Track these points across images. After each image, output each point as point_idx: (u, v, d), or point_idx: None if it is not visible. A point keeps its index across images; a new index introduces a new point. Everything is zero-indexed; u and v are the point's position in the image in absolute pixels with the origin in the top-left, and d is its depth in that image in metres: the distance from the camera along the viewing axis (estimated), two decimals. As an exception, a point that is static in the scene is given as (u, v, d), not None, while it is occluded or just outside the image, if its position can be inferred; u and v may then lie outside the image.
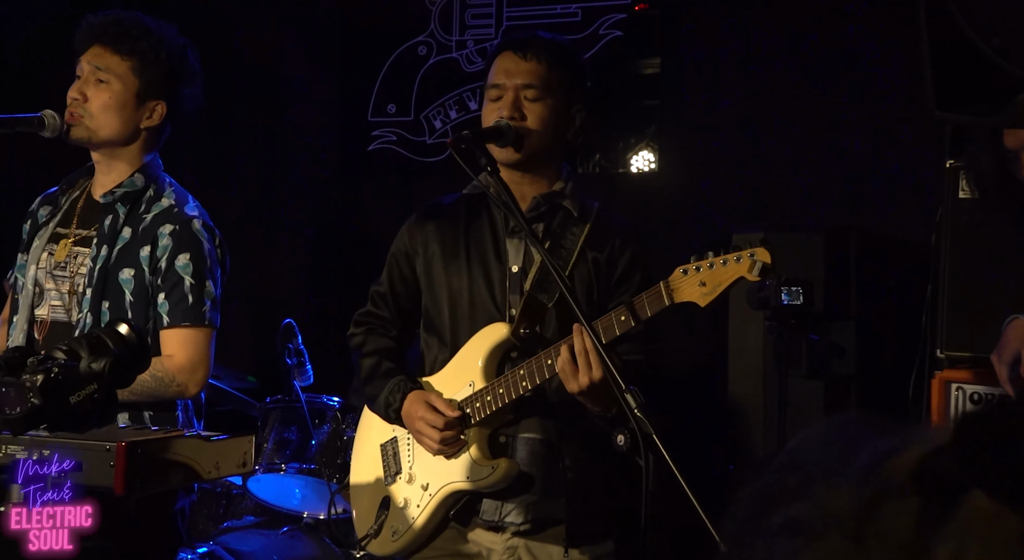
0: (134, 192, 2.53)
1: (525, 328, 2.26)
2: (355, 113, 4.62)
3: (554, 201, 2.36)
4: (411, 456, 2.37)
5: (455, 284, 2.35)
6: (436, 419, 2.26)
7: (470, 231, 2.38)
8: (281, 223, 4.78)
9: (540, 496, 2.28)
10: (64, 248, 2.55)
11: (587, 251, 2.32)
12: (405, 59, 4.56)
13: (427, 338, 2.42)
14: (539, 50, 2.31)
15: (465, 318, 2.33)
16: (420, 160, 4.54)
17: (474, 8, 4.47)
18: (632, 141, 4.28)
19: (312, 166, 4.73)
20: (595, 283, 2.32)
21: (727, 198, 4.04)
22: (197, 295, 2.46)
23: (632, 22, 4.21)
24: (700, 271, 2.04)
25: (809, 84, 3.97)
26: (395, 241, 2.48)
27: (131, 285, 2.48)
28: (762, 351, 3.52)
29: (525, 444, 2.28)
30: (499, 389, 2.23)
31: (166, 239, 2.47)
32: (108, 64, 2.50)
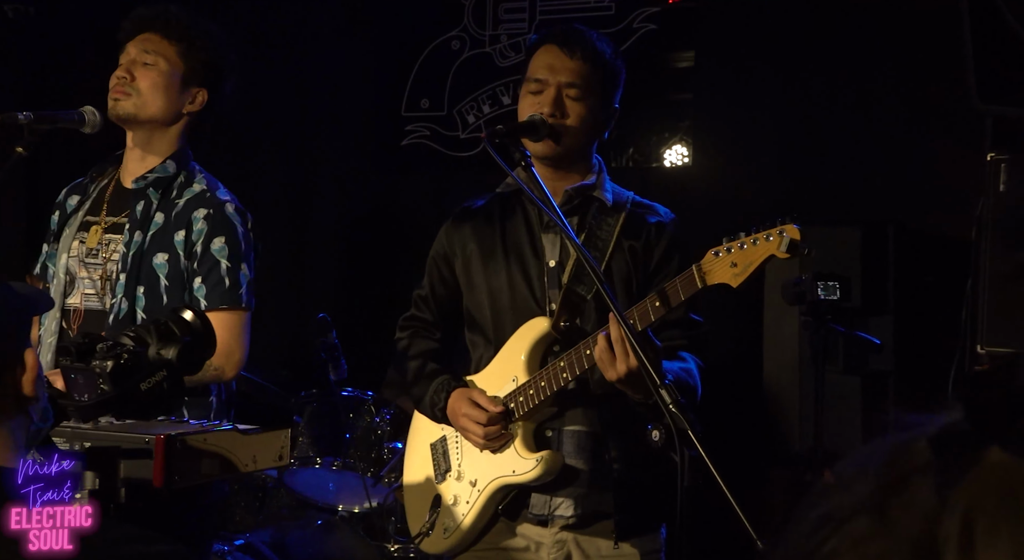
0: (166, 178, 2.55)
1: (565, 321, 2.27)
2: (389, 108, 4.63)
3: (587, 193, 2.36)
4: (459, 453, 2.40)
5: (494, 282, 2.36)
6: (479, 415, 2.28)
7: (506, 229, 2.39)
8: (315, 218, 4.81)
9: (588, 489, 2.29)
10: (95, 235, 2.58)
11: (623, 241, 2.33)
12: (438, 54, 4.56)
13: (471, 337, 2.44)
14: (585, 48, 2.30)
15: (506, 315, 2.34)
16: (453, 155, 4.55)
17: (507, 3, 4.46)
18: (665, 135, 4.25)
19: (346, 161, 4.74)
20: (633, 272, 2.32)
21: (762, 192, 4.01)
22: (233, 278, 2.48)
23: (666, 16, 4.19)
24: (731, 252, 2.03)
25: (845, 76, 3.93)
26: (433, 244, 2.51)
27: (165, 270, 2.50)
28: (798, 346, 3.49)
29: (571, 437, 2.30)
30: (541, 382, 2.25)
31: (200, 223, 2.49)
32: (156, 47, 2.55)
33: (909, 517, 0.61)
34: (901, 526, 0.61)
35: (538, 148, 2.29)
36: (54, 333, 2.55)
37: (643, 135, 4.24)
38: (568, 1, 4.35)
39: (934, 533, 0.59)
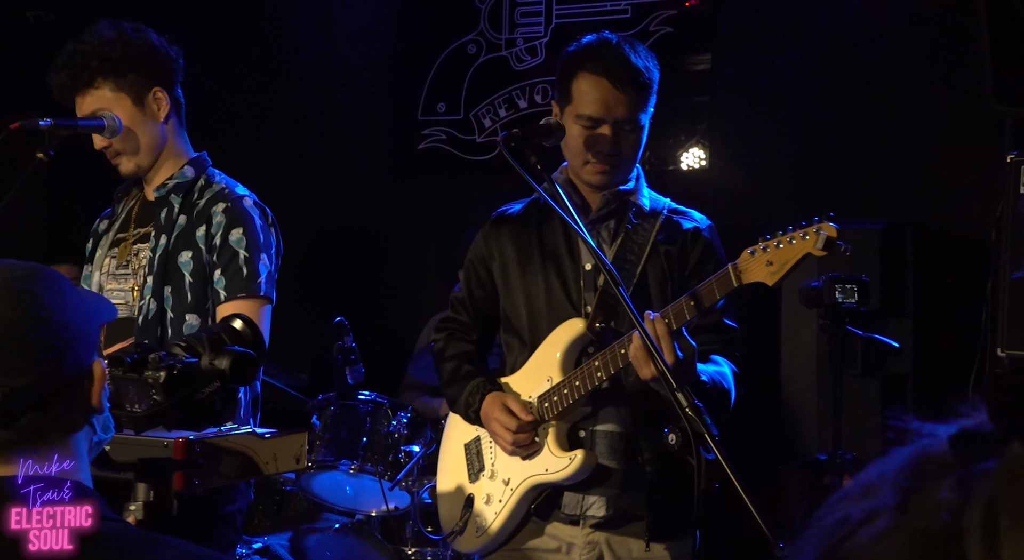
0: (185, 183, 2.57)
1: (600, 322, 2.29)
2: (405, 112, 4.65)
3: (624, 198, 2.38)
4: (493, 453, 2.42)
5: (531, 285, 2.39)
6: (510, 421, 2.31)
7: (543, 232, 2.41)
8: (332, 221, 4.83)
9: (620, 489, 2.30)
10: (125, 249, 2.61)
11: (659, 245, 2.34)
12: (455, 58, 4.57)
13: (507, 340, 2.47)
14: (635, 79, 2.29)
15: (543, 317, 2.37)
16: (470, 159, 4.56)
17: (523, 6, 4.47)
18: (683, 138, 4.25)
19: (363, 164, 4.76)
20: (668, 276, 2.33)
21: (779, 194, 4.00)
22: (251, 267, 2.49)
23: (682, 18, 4.18)
24: (767, 251, 2.03)
25: (862, 78, 3.91)
26: (471, 248, 2.54)
27: (190, 267, 2.52)
28: (816, 349, 3.47)
29: (604, 437, 2.31)
30: (575, 382, 2.27)
31: (219, 216, 2.51)
32: (97, 102, 2.52)
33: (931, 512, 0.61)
34: (923, 520, 0.61)
35: (595, 179, 2.33)
36: None
37: (660, 138, 4.23)
38: (584, 5, 4.35)
39: (957, 525, 0.60)
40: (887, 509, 0.63)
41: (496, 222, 2.50)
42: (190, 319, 2.50)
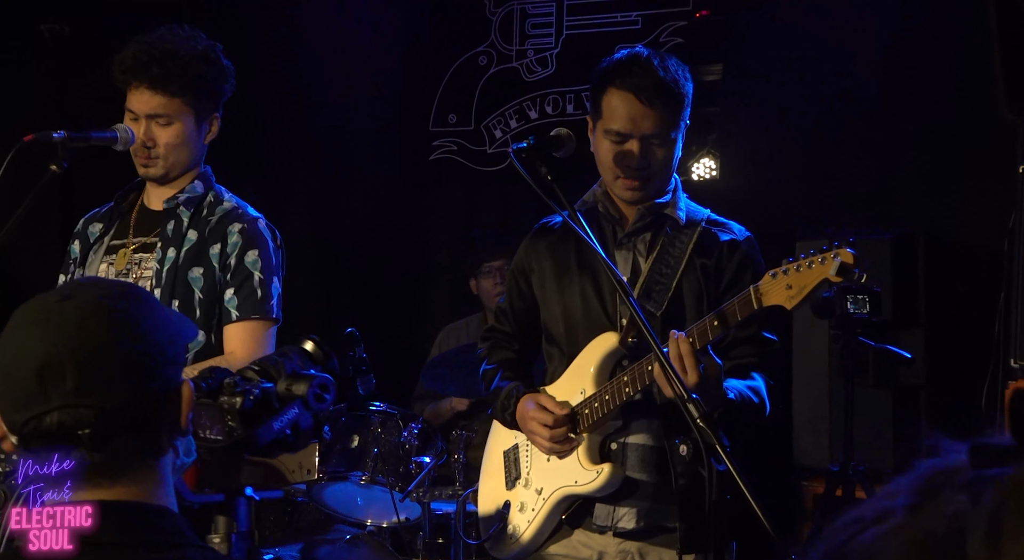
0: (195, 197, 2.59)
1: (633, 337, 2.29)
2: (416, 123, 4.66)
3: (660, 211, 2.39)
4: (529, 462, 2.46)
5: (568, 297, 2.41)
6: (545, 417, 2.33)
7: (580, 245, 2.42)
8: (344, 232, 4.84)
9: (652, 502, 2.31)
10: (123, 257, 2.61)
11: (695, 258, 2.34)
12: (466, 69, 4.58)
13: (548, 349, 2.50)
14: (663, 95, 2.29)
15: (579, 329, 2.39)
16: (481, 169, 4.56)
17: (534, 18, 4.48)
18: (693, 148, 4.25)
19: (374, 175, 4.77)
20: (704, 290, 2.34)
21: (790, 205, 3.99)
22: (265, 290, 2.52)
23: (692, 29, 4.19)
24: (788, 274, 2.05)
25: (873, 87, 3.91)
26: (514, 260, 2.57)
27: (201, 283, 2.53)
28: (828, 360, 3.46)
29: (635, 451, 2.33)
30: (606, 396, 2.29)
31: (235, 236, 2.54)
32: (164, 109, 2.54)
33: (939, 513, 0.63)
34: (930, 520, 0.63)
35: (628, 195, 2.33)
36: None
37: (670, 148, 4.23)
38: (595, 16, 4.36)
39: (962, 526, 0.62)
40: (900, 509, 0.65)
41: (536, 234, 2.52)
42: (197, 335, 2.51)
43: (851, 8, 3.90)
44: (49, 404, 1.19)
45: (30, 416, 1.20)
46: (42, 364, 1.19)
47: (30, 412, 1.20)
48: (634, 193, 2.34)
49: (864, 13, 3.89)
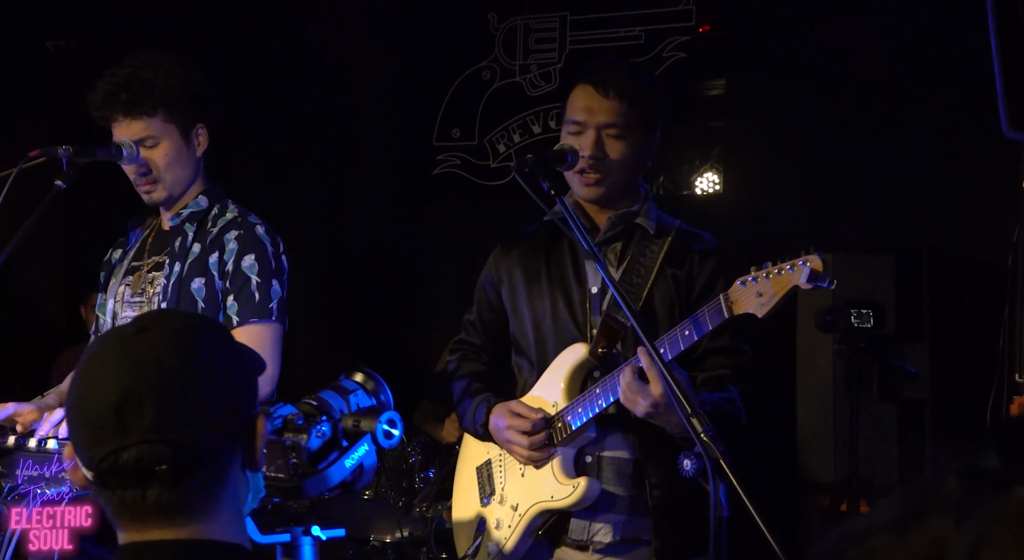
0: (200, 212, 2.60)
1: (603, 347, 2.27)
2: (420, 138, 4.67)
3: (629, 220, 2.37)
4: (503, 477, 2.42)
5: (538, 307, 2.39)
6: (522, 423, 2.30)
7: (551, 255, 2.41)
8: (347, 246, 4.84)
9: (628, 515, 2.29)
10: (139, 278, 2.63)
11: (666, 268, 2.33)
12: (469, 84, 4.60)
13: (517, 361, 2.47)
14: (620, 86, 2.31)
15: (549, 340, 2.37)
16: (484, 184, 4.57)
17: (538, 33, 4.50)
18: (696, 163, 4.25)
19: (378, 190, 4.78)
20: (676, 300, 2.32)
21: (794, 219, 3.99)
22: (264, 293, 2.52)
23: (696, 44, 4.20)
24: (757, 282, 2.03)
25: (877, 101, 3.91)
26: (482, 271, 2.55)
27: (202, 293, 2.54)
28: (832, 374, 3.46)
29: (611, 463, 2.30)
30: (578, 408, 2.27)
31: (232, 243, 2.54)
32: (146, 131, 2.55)
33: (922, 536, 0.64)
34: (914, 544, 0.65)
35: (586, 192, 2.32)
36: None
37: (674, 163, 4.24)
38: (598, 31, 4.38)
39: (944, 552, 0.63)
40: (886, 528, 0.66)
41: (506, 244, 2.51)
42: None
43: (854, 23, 3.91)
44: (127, 440, 1.16)
45: (107, 452, 1.17)
46: (120, 399, 1.16)
47: (107, 448, 1.17)
48: (590, 189, 2.30)
49: (867, 28, 3.90)
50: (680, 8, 4.22)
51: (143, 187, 2.58)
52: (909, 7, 3.81)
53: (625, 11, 4.29)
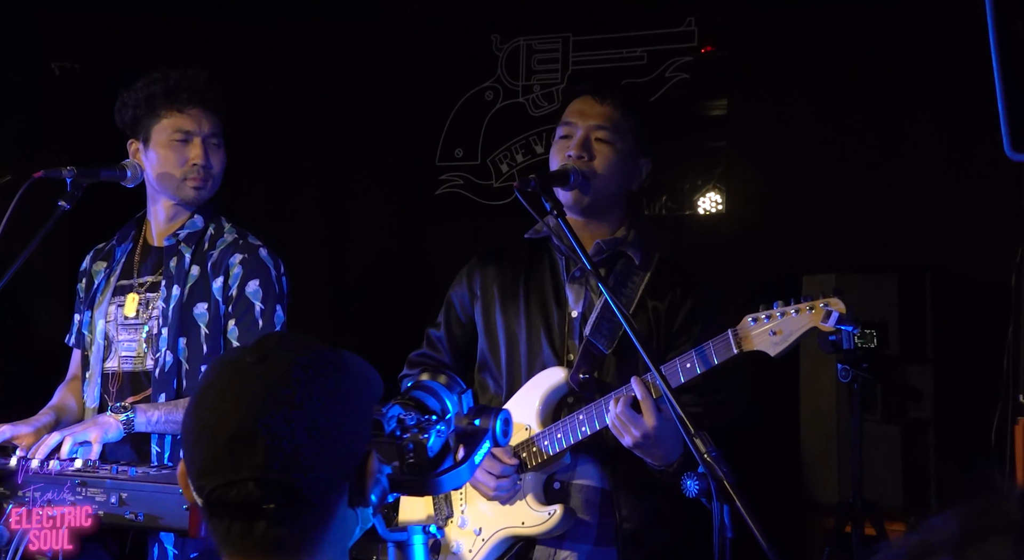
0: (196, 232, 2.60)
1: (584, 373, 2.25)
2: (423, 158, 4.68)
3: (616, 248, 2.36)
4: (463, 500, 2.36)
5: (513, 327, 2.36)
6: (492, 466, 2.26)
7: (530, 275, 2.39)
8: (349, 267, 4.84)
9: (593, 545, 2.26)
10: (133, 301, 2.62)
11: (647, 300, 2.32)
12: (472, 104, 4.61)
13: (480, 380, 2.43)
14: (615, 95, 2.34)
15: (521, 362, 2.34)
16: (487, 204, 4.58)
17: (540, 54, 4.51)
18: (699, 183, 4.25)
19: (380, 210, 4.79)
20: (654, 332, 2.31)
21: (797, 239, 3.99)
22: (267, 319, 2.52)
23: (698, 64, 4.21)
24: (770, 320, 2.02)
25: (880, 121, 3.92)
26: (453, 283, 2.51)
27: (205, 318, 2.54)
28: (835, 395, 3.44)
29: (580, 491, 2.28)
30: (557, 434, 2.23)
31: (236, 268, 2.54)
32: (217, 129, 2.60)
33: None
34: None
35: (567, 197, 2.30)
36: (95, 399, 2.58)
37: (676, 182, 4.25)
38: (601, 51, 4.39)
39: None
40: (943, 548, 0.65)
41: (483, 259, 2.48)
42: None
43: (856, 44, 3.92)
44: (237, 475, 1.14)
45: (217, 484, 1.16)
46: (233, 433, 1.15)
47: (217, 480, 1.16)
48: (572, 193, 2.28)
49: (870, 49, 3.91)
50: (682, 29, 4.24)
51: (196, 182, 2.58)
52: (911, 28, 3.82)
53: (627, 32, 4.31)
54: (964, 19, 3.56)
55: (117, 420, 2.40)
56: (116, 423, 2.40)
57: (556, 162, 2.34)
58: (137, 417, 2.41)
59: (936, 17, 3.75)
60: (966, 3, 3.37)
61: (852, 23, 3.91)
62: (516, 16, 4.51)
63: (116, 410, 2.41)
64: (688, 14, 4.22)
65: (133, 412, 2.41)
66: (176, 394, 2.48)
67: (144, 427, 2.43)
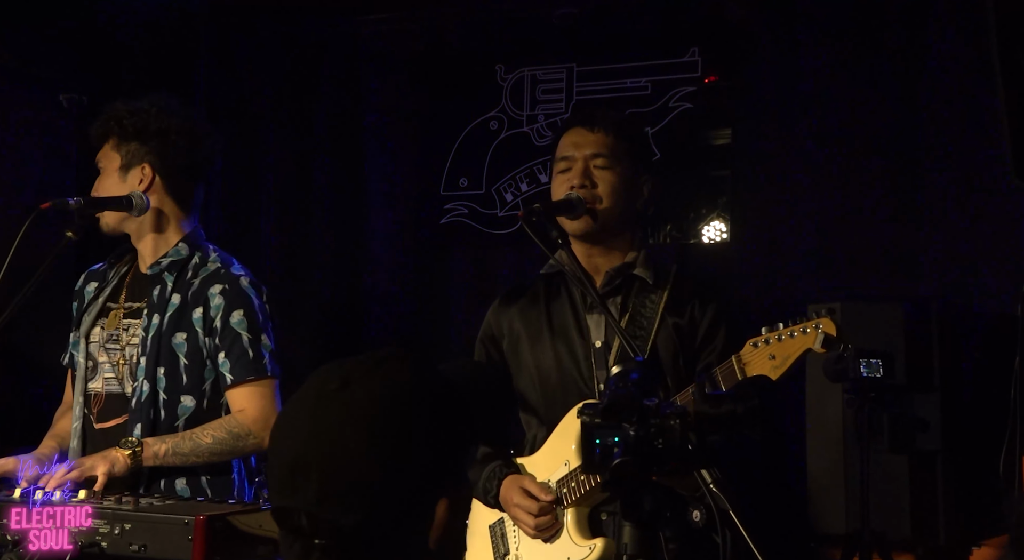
0: (179, 260, 2.59)
1: None
2: (428, 187, 4.69)
3: (627, 272, 2.37)
4: (517, 537, 2.38)
5: (542, 363, 2.37)
6: (531, 505, 2.28)
7: (551, 309, 2.39)
8: (355, 294, 4.84)
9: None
10: (114, 320, 2.61)
11: (668, 317, 2.33)
12: (477, 134, 4.63)
13: (525, 418, 2.45)
14: (606, 122, 2.37)
15: (556, 395, 2.35)
16: (491, 233, 4.58)
17: (545, 84, 4.54)
18: (703, 211, 4.26)
19: (385, 239, 4.79)
20: (680, 349, 2.31)
21: (802, 268, 3.99)
22: (256, 349, 2.50)
23: (702, 94, 4.23)
24: (769, 344, 2.02)
25: (885, 151, 3.92)
26: (482, 326, 2.54)
27: (184, 349, 2.52)
28: (842, 424, 3.43)
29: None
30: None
31: (217, 299, 2.52)
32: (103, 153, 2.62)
33: None
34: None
35: (576, 226, 2.31)
36: (78, 418, 2.58)
37: (681, 211, 4.26)
38: (605, 81, 4.41)
39: None
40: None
41: (505, 299, 2.50)
42: (185, 401, 2.51)
43: (861, 72, 3.93)
44: (295, 502, 1.13)
45: (280, 505, 1.15)
46: (293, 462, 1.12)
47: (280, 501, 1.15)
48: (581, 221, 2.30)
49: (875, 77, 3.92)
50: (686, 59, 4.26)
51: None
52: (916, 58, 3.84)
53: (631, 62, 4.33)
54: (970, 49, 3.57)
55: (124, 455, 2.39)
56: (123, 458, 2.39)
57: (559, 195, 2.35)
58: (144, 452, 2.40)
59: (941, 47, 3.76)
60: (971, 33, 3.40)
61: (856, 53, 3.92)
62: (521, 46, 4.54)
63: (124, 445, 2.41)
64: (692, 44, 4.24)
65: (140, 446, 2.41)
66: (152, 424, 2.48)
67: (152, 461, 2.42)
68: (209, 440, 2.45)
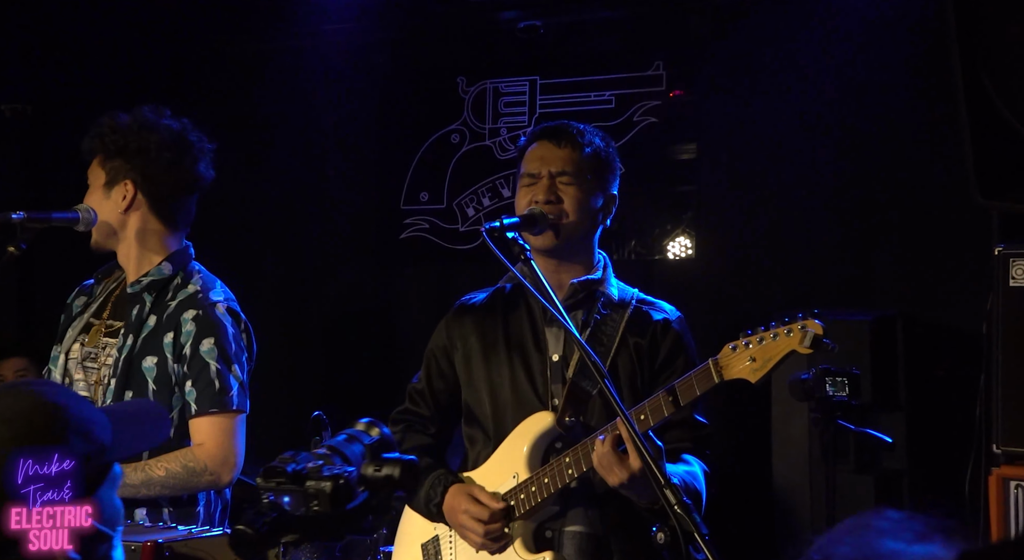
0: (161, 280, 2.53)
1: (570, 417, 2.23)
2: (388, 201, 4.63)
3: (592, 288, 2.34)
4: (453, 554, 2.33)
5: (496, 376, 2.34)
6: (480, 511, 2.23)
7: (508, 322, 2.37)
8: (313, 312, 4.77)
9: None
10: (96, 336, 2.55)
11: (628, 337, 2.31)
12: (438, 147, 4.58)
13: (469, 432, 2.40)
14: (572, 138, 2.35)
15: (507, 410, 2.32)
16: (453, 248, 4.53)
17: (507, 96, 4.49)
18: (668, 227, 4.23)
19: (344, 254, 4.73)
20: (638, 369, 2.30)
21: (766, 284, 3.97)
22: (223, 381, 2.44)
23: (667, 108, 4.21)
24: (749, 346, 2.01)
25: (850, 167, 3.92)
26: (432, 338, 2.49)
27: (153, 373, 2.46)
28: (807, 444, 3.41)
29: (572, 538, 2.25)
30: (544, 479, 2.20)
31: (189, 325, 2.46)
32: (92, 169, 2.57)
33: None
34: None
35: (539, 241, 2.28)
36: None
37: (646, 227, 4.22)
38: (568, 94, 4.38)
39: None
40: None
41: (459, 311, 2.47)
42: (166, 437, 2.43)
43: (825, 89, 3.93)
44: None
45: None
46: None
47: None
48: (544, 236, 2.28)
49: (839, 94, 3.92)
50: (651, 73, 4.23)
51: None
52: (880, 75, 3.84)
53: (595, 75, 4.30)
54: (932, 67, 3.58)
55: None
56: None
57: (523, 208, 2.32)
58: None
59: (905, 65, 3.77)
60: (935, 52, 3.40)
61: (821, 68, 3.92)
62: (483, 58, 4.49)
63: None
64: (656, 58, 4.22)
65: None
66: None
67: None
68: (162, 473, 2.37)
